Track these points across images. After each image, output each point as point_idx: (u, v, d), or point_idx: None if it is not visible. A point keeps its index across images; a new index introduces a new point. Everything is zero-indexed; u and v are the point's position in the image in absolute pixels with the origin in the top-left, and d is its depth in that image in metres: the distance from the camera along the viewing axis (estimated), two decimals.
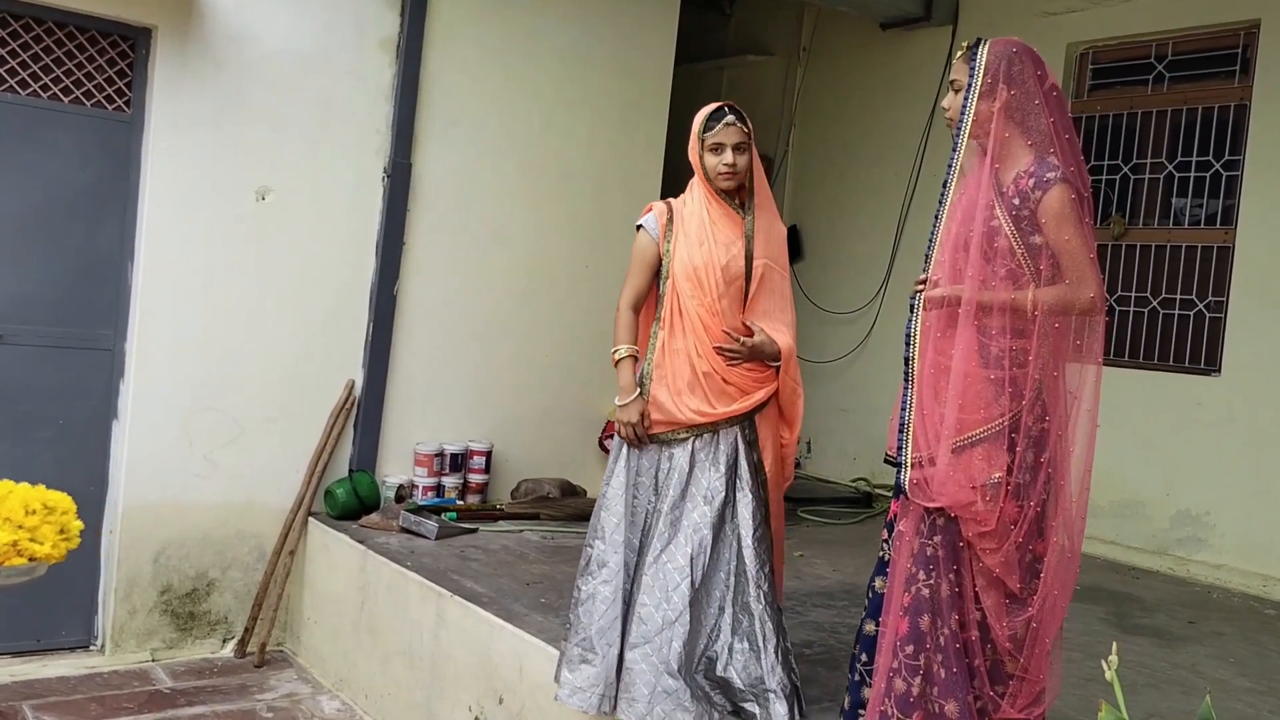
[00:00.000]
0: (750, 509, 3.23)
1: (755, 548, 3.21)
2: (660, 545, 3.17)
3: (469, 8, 5.38)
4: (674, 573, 3.13)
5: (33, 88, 4.49)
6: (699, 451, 3.24)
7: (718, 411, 3.21)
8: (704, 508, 3.19)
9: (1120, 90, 6.09)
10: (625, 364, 3.31)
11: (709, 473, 3.22)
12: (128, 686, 4.52)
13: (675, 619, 3.08)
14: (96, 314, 4.68)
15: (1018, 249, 2.69)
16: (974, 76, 2.74)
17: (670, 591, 3.11)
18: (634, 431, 3.26)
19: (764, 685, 3.09)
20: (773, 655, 3.12)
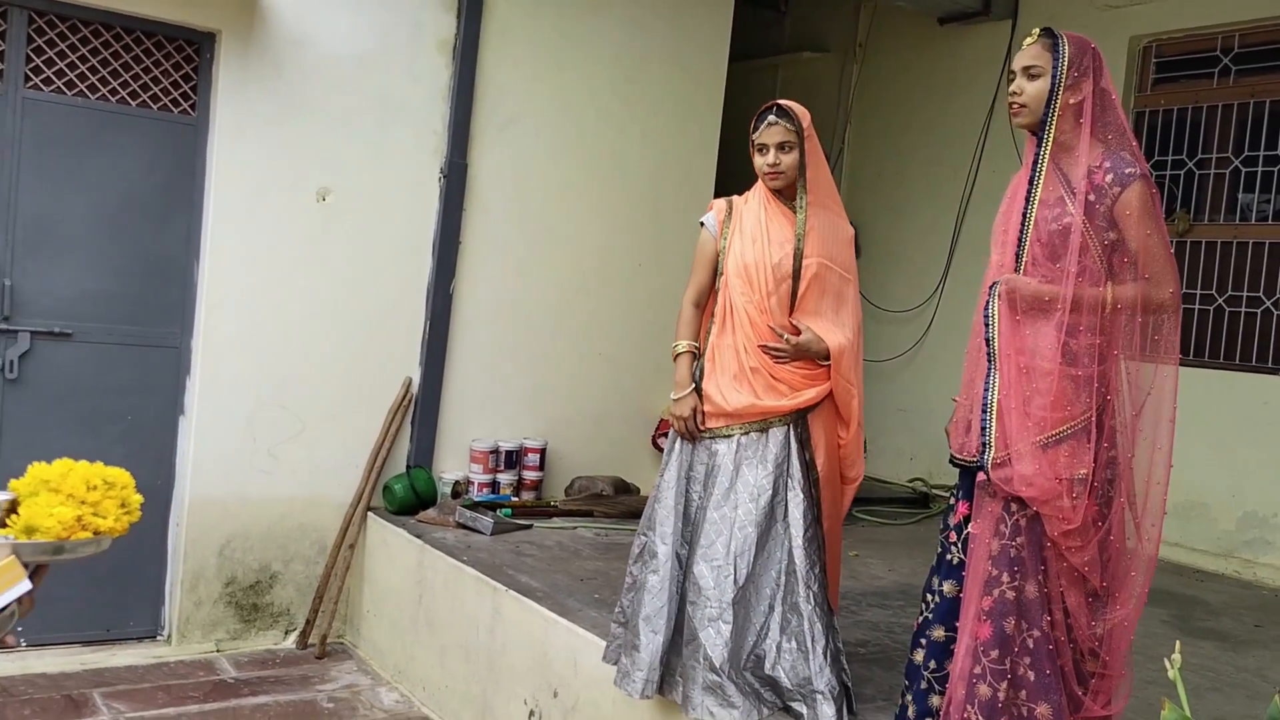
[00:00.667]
0: (801, 509, 3.22)
1: (805, 548, 3.21)
2: (705, 543, 3.19)
3: (524, 8, 5.42)
4: (717, 569, 3.14)
5: (102, 91, 4.61)
6: (745, 449, 3.24)
7: (765, 404, 3.21)
8: (749, 505, 3.19)
9: (1185, 84, 5.97)
10: (683, 359, 3.34)
11: (755, 470, 3.22)
12: (193, 676, 4.63)
13: (718, 615, 3.09)
14: (164, 312, 4.80)
15: (1093, 245, 2.66)
16: (1058, 68, 2.69)
17: (714, 588, 3.12)
18: (685, 425, 3.27)
19: (811, 686, 3.08)
20: (821, 656, 3.11)
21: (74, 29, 4.53)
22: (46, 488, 1.57)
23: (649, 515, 3.33)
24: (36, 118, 4.48)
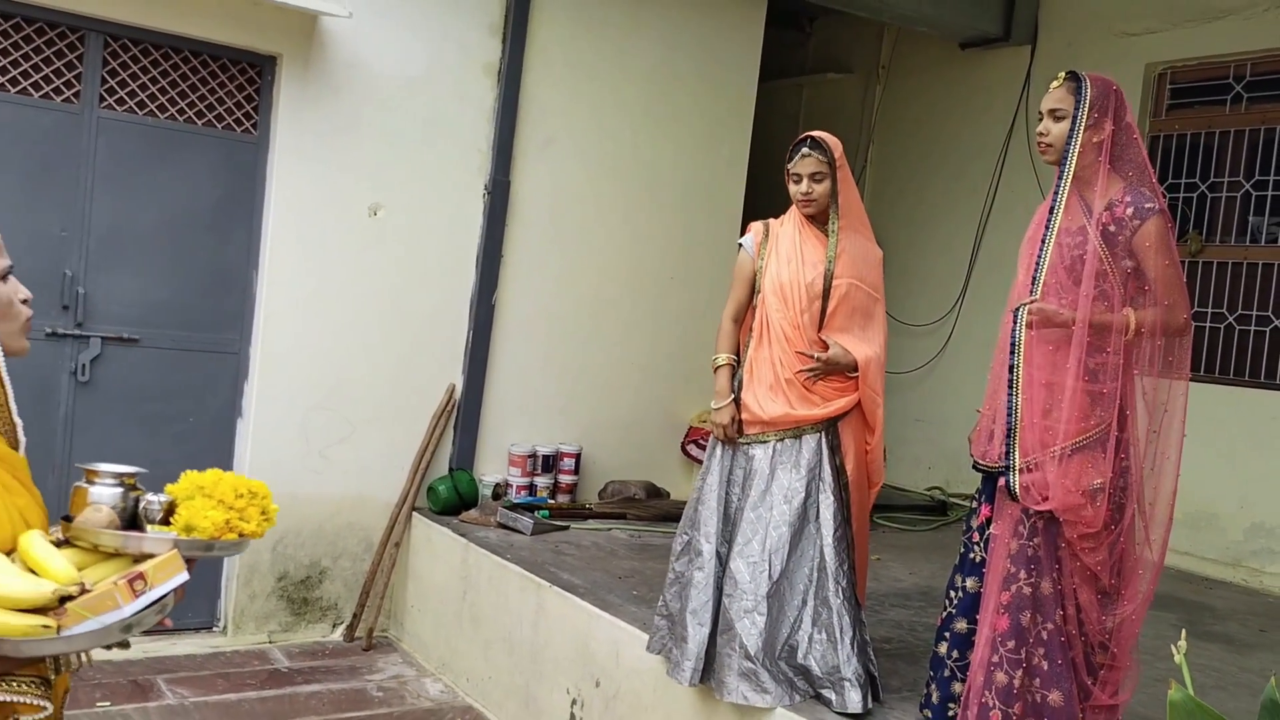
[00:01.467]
0: (832, 510, 3.46)
1: (835, 546, 3.44)
2: (743, 541, 3.43)
3: (565, 32, 5.69)
4: (753, 566, 3.38)
5: (170, 111, 4.89)
6: (780, 454, 3.49)
7: (799, 414, 3.46)
8: (783, 506, 3.43)
9: (1198, 110, 6.19)
10: (723, 371, 3.59)
11: (790, 474, 3.47)
12: (249, 665, 4.89)
13: (753, 608, 3.33)
14: (224, 320, 5.07)
15: (1112, 272, 2.90)
16: (1079, 109, 2.93)
17: (749, 583, 3.36)
18: (726, 433, 3.52)
19: (840, 674, 3.32)
20: (849, 646, 3.35)
21: (145, 52, 4.81)
22: (201, 493, 1.82)
23: (692, 515, 3.58)
24: (110, 136, 4.76)
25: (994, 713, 2.81)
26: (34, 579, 1.58)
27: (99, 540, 1.69)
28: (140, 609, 1.58)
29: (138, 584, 1.58)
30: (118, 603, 1.55)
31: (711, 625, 3.42)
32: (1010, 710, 2.80)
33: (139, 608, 1.57)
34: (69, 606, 1.55)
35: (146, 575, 1.59)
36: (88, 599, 1.55)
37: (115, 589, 1.56)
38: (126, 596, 1.56)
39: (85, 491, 1.79)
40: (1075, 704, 2.79)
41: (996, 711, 2.81)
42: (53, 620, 1.54)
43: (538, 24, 5.57)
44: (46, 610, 1.56)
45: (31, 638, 1.54)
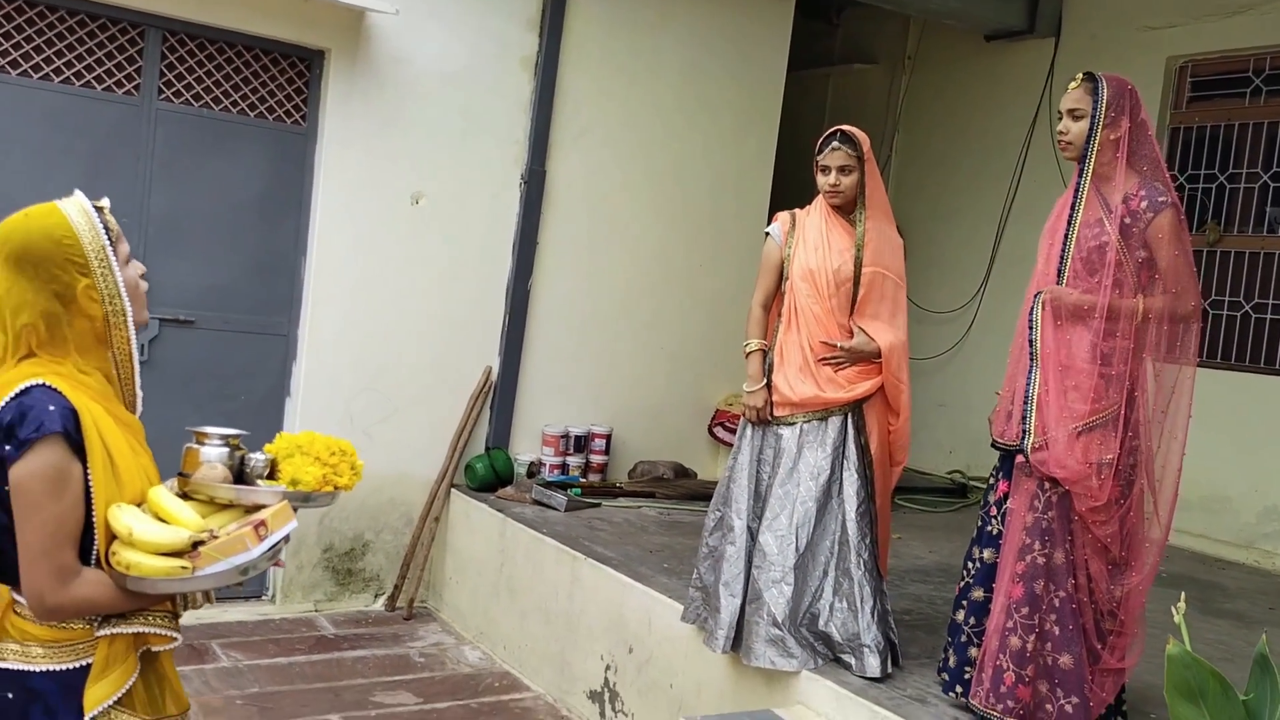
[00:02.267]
0: (855, 487, 3.66)
1: (858, 521, 3.64)
2: (771, 515, 3.63)
3: (599, 28, 5.88)
4: (781, 539, 3.58)
5: (224, 103, 5.12)
6: (808, 434, 3.68)
7: (827, 396, 3.65)
8: (809, 483, 3.63)
9: (1218, 103, 6.32)
10: (754, 356, 3.78)
11: (816, 453, 3.66)
12: (297, 632, 5.14)
13: (781, 578, 3.53)
14: (274, 304, 5.31)
15: (1126, 261, 3.08)
16: (1097, 108, 3.11)
17: (777, 555, 3.56)
18: (758, 415, 3.72)
19: (859, 640, 3.52)
20: (869, 615, 3.55)
21: (201, 46, 5.04)
22: (300, 451, 2.05)
23: (724, 493, 3.78)
24: (167, 126, 4.99)
25: (1008, 674, 3.01)
26: (171, 527, 1.82)
27: (216, 494, 1.92)
28: (262, 551, 1.81)
29: (261, 530, 1.81)
30: (246, 546, 1.78)
31: (744, 597, 3.63)
32: (1024, 672, 2.99)
33: (262, 550, 1.81)
34: (202, 550, 1.79)
35: (268, 522, 1.83)
36: (219, 543, 1.78)
37: (245, 534, 1.79)
38: (253, 540, 1.79)
39: (196, 452, 2.01)
40: (1084, 667, 2.98)
41: (1010, 673, 3.01)
42: (189, 562, 1.78)
43: (573, 19, 5.76)
44: (181, 554, 1.79)
45: (170, 577, 1.78)
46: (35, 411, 1.79)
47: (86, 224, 1.90)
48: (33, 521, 1.78)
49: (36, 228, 1.88)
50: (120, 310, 1.92)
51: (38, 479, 1.77)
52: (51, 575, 1.79)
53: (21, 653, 1.85)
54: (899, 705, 3.27)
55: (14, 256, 1.86)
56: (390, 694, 4.53)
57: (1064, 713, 2.96)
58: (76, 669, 1.86)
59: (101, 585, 1.82)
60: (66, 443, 1.80)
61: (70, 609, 1.81)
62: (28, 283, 1.86)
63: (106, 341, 1.94)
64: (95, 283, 1.89)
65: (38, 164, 4.72)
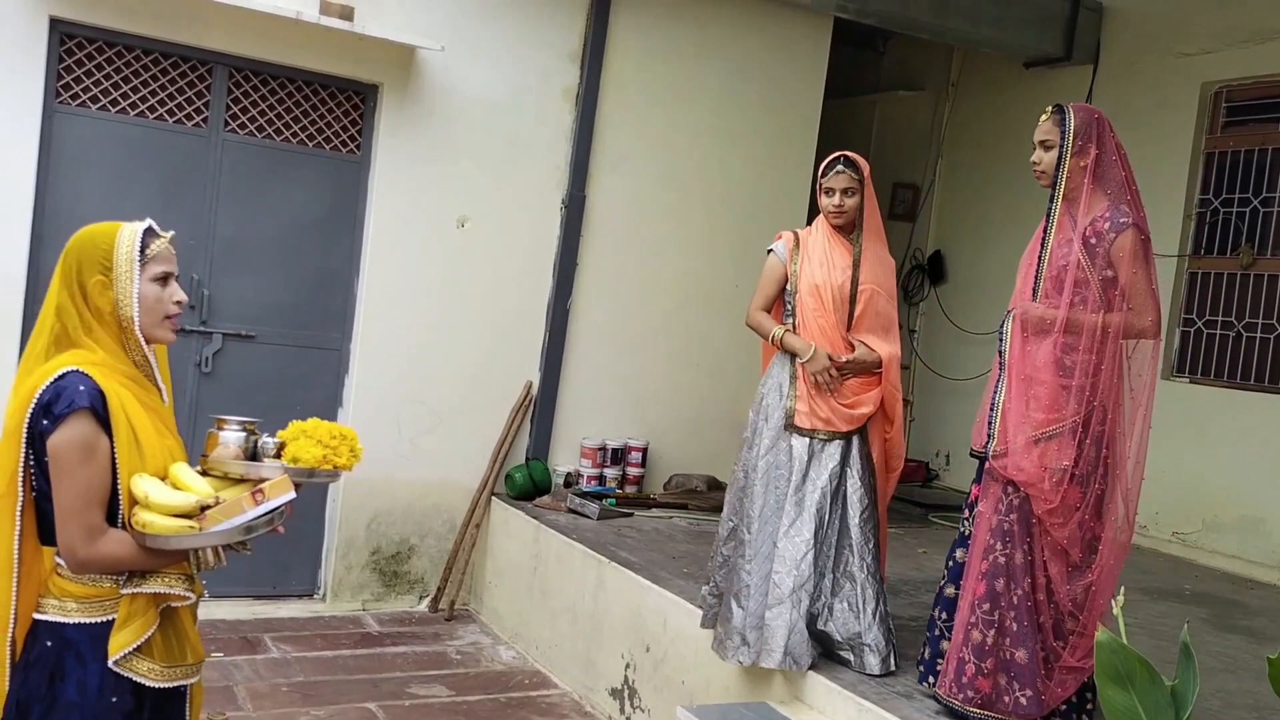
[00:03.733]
0: (859, 493, 3.85)
1: (862, 526, 3.83)
2: (788, 523, 3.82)
3: (638, 59, 6.18)
4: (801, 545, 3.77)
5: (284, 134, 5.52)
6: (816, 443, 3.88)
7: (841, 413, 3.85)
8: (817, 492, 3.83)
9: (1252, 128, 6.38)
10: (788, 335, 3.92)
11: (825, 462, 3.86)
12: (344, 629, 5.46)
13: (804, 583, 3.73)
14: (328, 320, 5.68)
15: (1092, 280, 3.25)
16: (1065, 138, 3.30)
17: (799, 560, 3.75)
18: (829, 375, 3.81)
19: (860, 640, 3.71)
20: (871, 616, 3.73)
21: (264, 82, 5.45)
22: (304, 435, 2.35)
23: (736, 503, 3.96)
24: (232, 155, 5.40)
25: (969, 666, 3.19)
26: (182, 493, 2.13)
27: (228, 469, 2.23)
28: (259, 514, 2.11)
29: (258, 496, 2.12)
30: (243, 509, 2.09)
31: (755, 606, 3.77)
32: (983, 664, 3.17)
33: (259, 513, 2.11)
34: (208, 513, 2.09)
35: (265, 490, 2.13)
36: (222, 506, 2.10)
37: (243, 498, 2.10)
38: (250, 504, 2.10)
39: (216, 435, 2.32)
40: (1038, 662, 3.15)
41: (971, 665, 3.18)
42: (196, 523, 2.08)
43: (613, 52, 6.07)
44: (190, 516, 2.09)
45: (179, 534, 2.08)
46: (68, 391, 2.11)
47: (128, 239, 2.22)
48: (65, 484, 2.09)
49: (89, 234, 2.23)
50: (129, 316, 2.21)
51: (70, 447, 2.09)
52: (82, 532, 2.10)
53: (59, 607, 2.17)
54: (884, 699, 3.45)
55: (66, 250, 2.21)
56: (425, 686, 4.82)
57: (1019, 704, 3.13)
58: (104, 622, 2.17)
59: (124, 543, 2.13)
60: (94, 418, 2.11)
61: (97, 563, 2.12)
62: (64, 272, 2.20)
63: (124, 341, 2.24)
64: (110, 283, 2.19)
65: (114, 191, 5.16)
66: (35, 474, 2.15)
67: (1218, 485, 6.20)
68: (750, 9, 6.44)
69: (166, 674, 2.22)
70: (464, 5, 5.69)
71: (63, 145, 5.05)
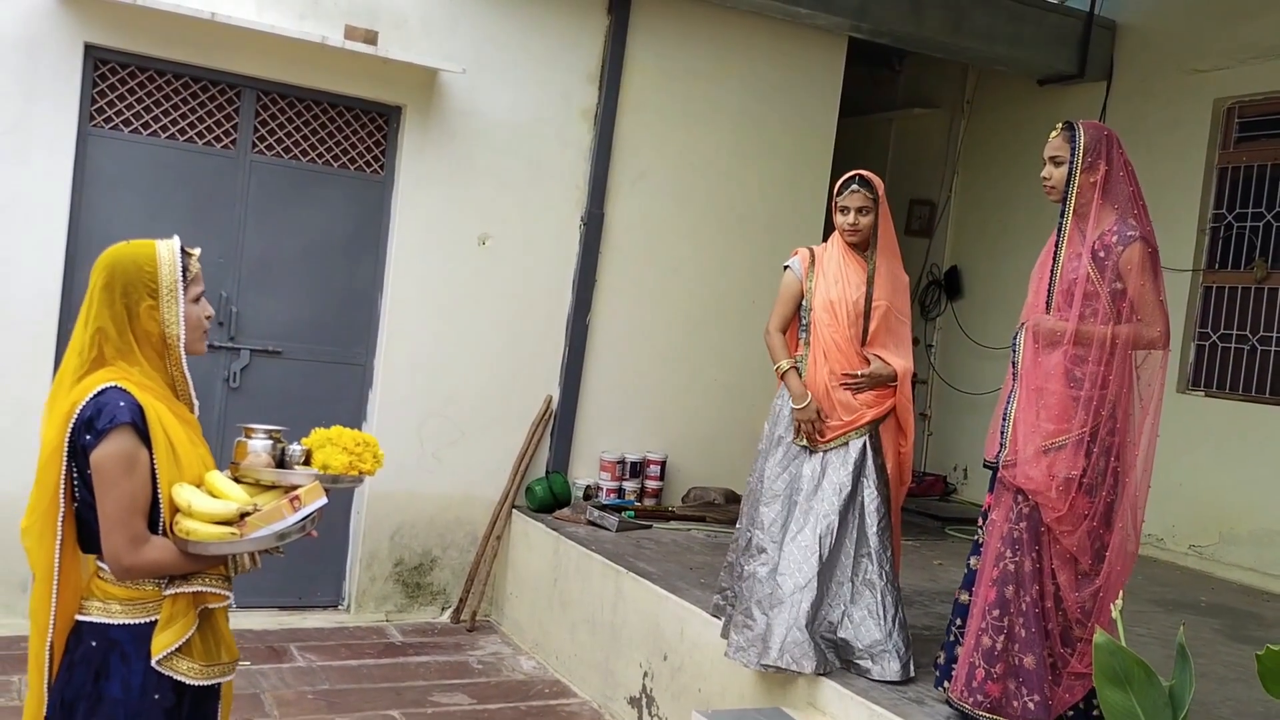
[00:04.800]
0: (876, 503, 3.94)
1: (880, 535, 3.92)
2: (796, 528, 3.91)
3: (655, 80, 6.30)
4: (805, 549, 3.86)
5: (310, 155, 5.66)
6: (831, 453, 3.97)
7: (844, 423, 3.94)
8: (832, 498, 3.91)
9: (1264, 143, 6.43)
10: (791, 374, 4.05)
11: (839, 471, 3.95)
12: (368, 639, 5.57)
13: (804, 585, 3.81)
14: (353, 336, 5.81)
15: (1103, 293, 3.33)
16: (1075, 154, 3.39)
17: (801, 563, 3.84)
18: (814, 427, 3.97)
19: (881, 646, 3.78)
20: (890, 623, 3.81)
21: (291, 104, 5.60)
22: (329, 442, 2.45)
23: (753, 513, 4.05)
24: (259, 176, 5.55)
25: (979, 670, 3.25)
26: (223, 501, 2.23)
27: (261, 476, 2.34)
28: (298, 520, 2.21)
29: (295, 502, 2.22)
30: (284, 515, 2.20)
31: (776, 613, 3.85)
32: (993, 669, 3.23)
33: (298, 519, 2.22)
34: (248, 519, 2.20)
35: (301, 497, 2.23)
36: (262, 513, 2.20)
37: (282, 505, 2.21)
38: (289, 511, 2.21)
39: (245, 444, 2.43)
40: (1046, 668, 3.21)
41: (981, 669, 3.25)
42: (237, 529, 2.19)
43: (631, 73, 6.20)
44: (230, 523, 2.20)
45: (221, 541, 2.18)
46: (109, 407, 2.21)
47: (169, 260, 2.33)
48: (110, 496, 2.20)
49: (129, 253, 2.32)
50: (175, 335, 2.33)
51: (113, 460, 2.20)
52: (126, 541, 2.20)
53: (103, 609, 2.27)
54: (896, 705, 3.52)
55: (106, 271, 2.30)
56: (447, 695, 4.91)
57: (1027, 709, 3.19)
58: (147, 623, 2.27)
59: (166, 550, 2.23)
60: (135, 432, 2.22)
61: (141, 569, 2.23)
62: (108, 294, 2.29)
63: (165, 357, 2.35)
64: (159, 306, 2.31)
65: (146, 210, 5.31)
66: (77, 486, 2.26)
67: (1234, 498, 6.23)
68: (765, 30, 6.55)
69: (205, 672, 2.33)
70: (485, 29, 5.83)
71: (96, 167, 5.20)
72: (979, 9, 6.83)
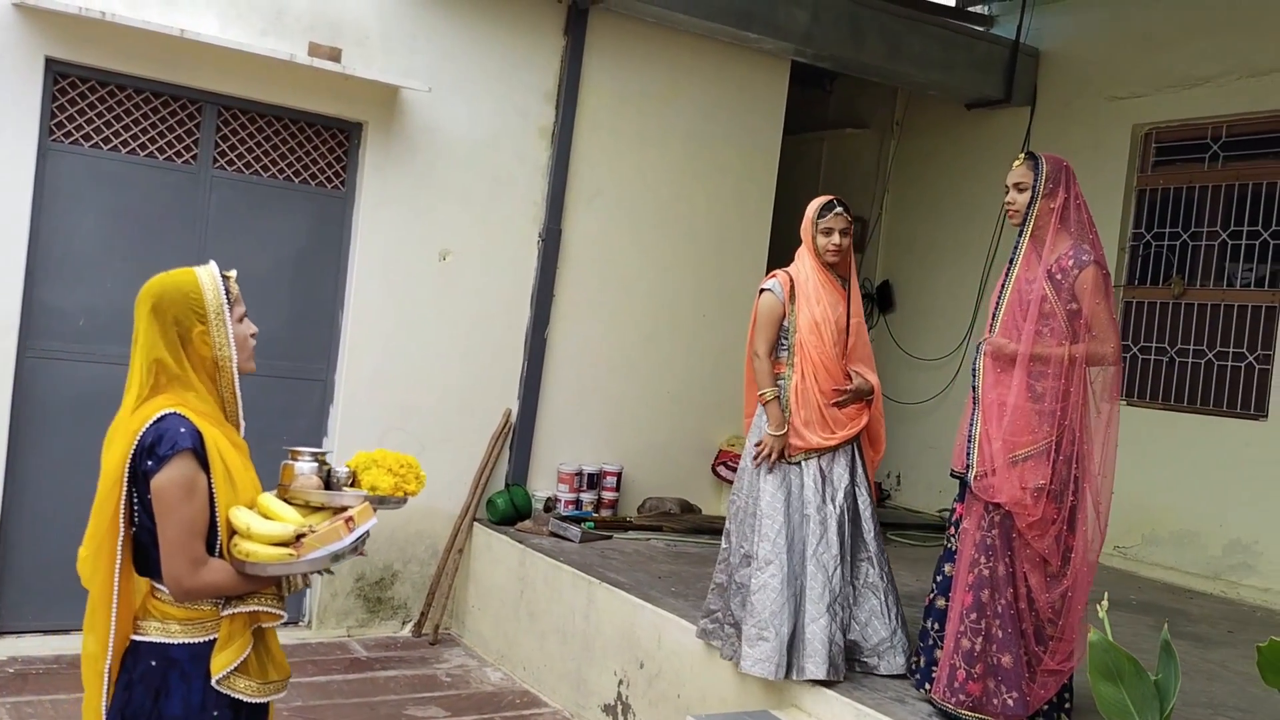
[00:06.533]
0: (870, 510, 4.16)
1: (876, 539, 4.15)
2: (815, 540, 4.01)
3: (610, 100, 6.44)
4: (830, 561, 4.00)
5: (271, 171, 5.66)
6: (824, 467, 4.14)
7: (836, 436, 4.13)
8: (836, 510, 4.08)
9: (1180, 167, 6.86)
10: (774, 404, 4.15)
11: (834, 482, 4.12)
12: (332, 654, 5.57)
13: (833, 601, 3.95)
14: (313, 351, 5.80)
15: (1059, 311, 3.57)
16: (1038, 181, 3.62)
17: (831, 575, 3.98)
18: (782, 454, 4.12)
19: (888, 644, 4.02)
20: (895, 620, 4.05)
21: (252, 120, 5.58)
22: (375, 464, 2.53)
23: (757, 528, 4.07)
24: (221, 191, 5.52)
25: (960, 671, 3.47)
26: (278, 523, 2.29)
27: (311, 498, 2.40)
28: (352, 541, 2.28)
29: (350, 524, 2.29)
30: (340, 536, 2.26)
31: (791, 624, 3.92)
32: (973, 670, 3.45)
33: (352, 539, 2.28)
34: (304, 540, 2.25)
35: (355, 518, 2.30)
36: (318, 535, 2.26)
37: (338, 526, 2.27)
38: (344, 532, 2.27)
39: (292, 466, 2.49)
40: (1023, 666, 3.44)
41: (961, 670, 3.47)
42: (294, 550, 2.25)
43: (587, 93, 6.33)
44: (286, 544, 2.26)
45: (279, 562, 2.24)
46: (170, 434, 2.26)
47: (211, 285, 2.39)
48: (170, 520, 2.25)
49: (172, 283, 2.38)
50: (227, 356, 2.40)
51: (174, 485, 2.25)
52: (187, 563, 2.25)
53: (162, 629, 2.32)
54: (880, 704, 3.71)
55: (153, 304, 2.35)
56: (422, 709, 4.96)
57: (1006, 705, 3.42)
58: (205, 642, 2.32)
59: (224, 571, 2.28)
60: (194, 457, 2.27)
61: (201, 591, 2.28)
62: (160, 325, 2.34)
63: (217, 380, 2.41)
64: (209, 330, 2.37)
65: (106, 225, 5.25)
66: (137, 510, 2.30)
67: (1154, 502, 6.61)
68: (714, 53, 6.74)
69: (262, 690, 2.38)
70: (445, 47, 5.90)
71: (56, 182, 5.12)
72: (914, 36, 7.14)
